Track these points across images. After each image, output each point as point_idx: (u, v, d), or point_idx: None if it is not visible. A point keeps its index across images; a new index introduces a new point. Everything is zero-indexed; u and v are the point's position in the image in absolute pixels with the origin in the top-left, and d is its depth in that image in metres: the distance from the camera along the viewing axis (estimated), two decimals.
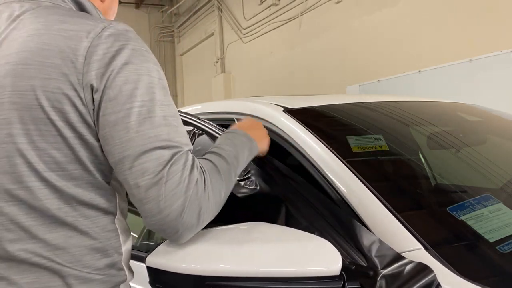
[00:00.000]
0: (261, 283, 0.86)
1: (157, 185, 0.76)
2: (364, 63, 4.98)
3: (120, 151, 0.78)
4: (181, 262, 0.88)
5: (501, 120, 1.77)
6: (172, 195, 0.77)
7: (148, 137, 0.78)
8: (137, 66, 0.81)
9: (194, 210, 0.79)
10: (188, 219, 0.79)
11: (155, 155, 0.77)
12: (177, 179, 0.77)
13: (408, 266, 0.84)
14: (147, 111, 0.79)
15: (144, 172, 0.77)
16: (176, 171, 0.78)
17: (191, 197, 0.79)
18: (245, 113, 1.39)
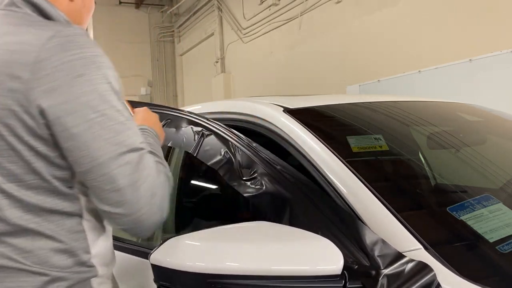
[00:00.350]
0: (263, 281, 0.86)
1: (134, 187, 0.80)
2: (364, 63, 4.98)
3: (89, 161, 0.80)
4: (185, 259, 0.89)
5: (501, 120, 1.77)
6: (149, 195, 0.82)
7: (115, 144, 0.80)
8: (90, 77, 0.81)
9: (165, 206, 0.87)
10: (163, 214, 0.86)
11: (125, 160, 0.81)
12: (151, 179, 0.83)
13: (408, 265, 0.84)
14: (108, 119, 0.81)
15: (118, 177, 0.80)
16: (149, 171, 0.83)
17: (163, 194, 0.86)
18: (245, 113, 1.39)
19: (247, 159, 1.18)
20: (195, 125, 1.34)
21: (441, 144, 1.47)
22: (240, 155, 1.20)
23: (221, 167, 1.22)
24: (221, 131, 1.28)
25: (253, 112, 1.36)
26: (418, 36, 4.36)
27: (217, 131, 1.29)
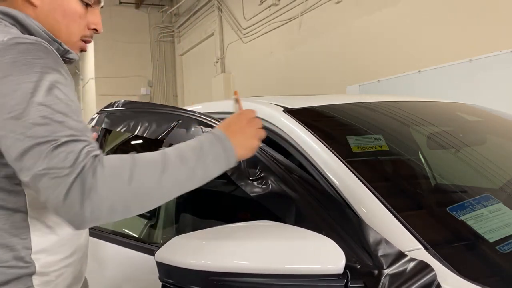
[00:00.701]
0: (266, 279, 0.87)
1: (41, 178, 0.76)
2: (364, 63, 4.98)
3: (9, 158, 0.81)
4: (190, 258, 0.89)
5: (501, 120, 1.77)
6: (55, 184, 0.75)
7: (24, 138, 0.78)
8: (16, 77, 0.81)
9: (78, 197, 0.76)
10: (69, 205, 0.77)
11: (33, 153, 0.77)
12: (54, 171, 0.76)
13: (409, 264, 0.85)
14: (19, 115, 0.79)
15: (27, 169, 0.77)
16: (59, 162, 0.76)
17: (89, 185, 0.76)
18: None
19: (253, 159, 1.19)
20: (204, 126, 1.35)
21: (441, 144, 1.47)
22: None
23: None
24: None
25: None
26: (418, 36, 4.36)
27: None
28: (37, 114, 0.79)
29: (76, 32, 1.01)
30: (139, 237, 1.76)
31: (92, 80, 9.87)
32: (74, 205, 0.74)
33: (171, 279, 0.94)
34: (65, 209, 0.75)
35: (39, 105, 0.80)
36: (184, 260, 0.91)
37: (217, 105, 1.62)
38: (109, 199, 0.76)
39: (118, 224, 2.00)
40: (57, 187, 0.74)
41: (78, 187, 0.74)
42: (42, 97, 0.81)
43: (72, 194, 0.74)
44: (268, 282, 0.87)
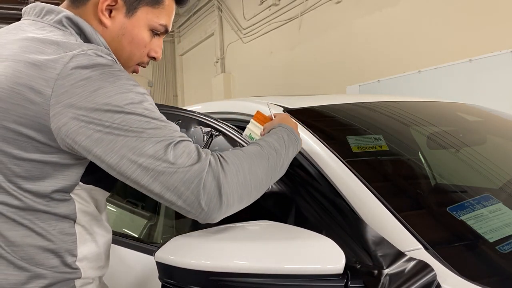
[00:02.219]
0: (266, 279, 0.87)
1: (172, 176, 0.83)
2: (364, 63, 4.98)
3: (111, 168, 0.84)
4: (190, 258, 0.90)
5: (501, 120, 1.77)
6: (188, 181, 0.83)
7: (132, 147, 0.83)
8: (107, 89, 0.83)
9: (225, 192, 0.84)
10: (209, 205, 0.83)
11: (157, 152, 0.84)
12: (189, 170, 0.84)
13: (409, 264, 0.85)
14: (122, 126, 0.83)
15: (149, 170, 0.84)
16: (186, 159, 0.84)
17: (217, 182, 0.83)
18: (245, 113, 1.39)
19: None
20: (204, 126, 1.35)
21: (441, 144, 1.47)
22: None
23: None
24: (229, 131, 1.29)
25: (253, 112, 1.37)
26: (418, 36, 4.36)
27: (226, 131, 1.30)
28: (145, 120, 0.83)
29: (136, 58, 1.02)
30: (139, 237, 1.76)
31: None
32: (212, 199, 0.81)
33: (171, 279, 0.94)
34: (203, 203, 0.81)
35: (144, 110, 0.84)
36: (184, 260, 0.91)
37: (217, 105, 1.62)
38: (238, 191, 0.85)
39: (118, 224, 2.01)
40: (192, 183, 0.81)
41: (213, 181, 0.82)
42: (143, 105, 0.85)
43: (208, 188, 0.81)
44: (268, 282, 0.87)
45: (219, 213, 0.84)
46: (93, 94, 0.82)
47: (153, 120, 0.84)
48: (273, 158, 0.94)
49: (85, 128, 0.81)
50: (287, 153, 0.99)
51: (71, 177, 0.90)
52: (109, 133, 0.81)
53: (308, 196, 1.06)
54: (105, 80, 0.83)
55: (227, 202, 0.83)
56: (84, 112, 0.81)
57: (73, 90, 0.81)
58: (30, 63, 0.84)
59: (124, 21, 0.97)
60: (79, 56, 0.84)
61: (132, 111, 0.83)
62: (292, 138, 1.03)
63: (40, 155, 0.85)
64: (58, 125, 0.82)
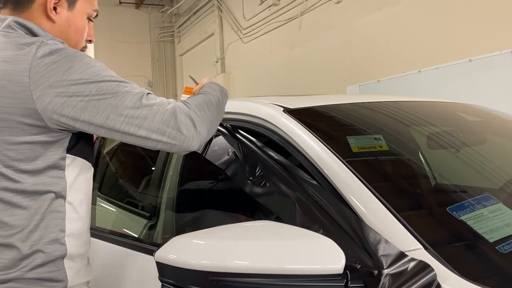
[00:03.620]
0: (265, 279, 0.87)
1: (154, 118, 1.03)
2: (364, 63, 4.98)
3: (104, 125, 1.00)
4: (190, 257, 0.90)
5: (501, 120, 1.77)
6: (167, 120, 1.03)
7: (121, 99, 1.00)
8: (77, 66, 0.99)
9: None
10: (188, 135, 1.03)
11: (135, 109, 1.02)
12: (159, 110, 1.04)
13: (409, 264, 0.85)
14: (100, 90, 1.00)
15: (137, 117, 1.02)
16: (161, 103, 1.05)
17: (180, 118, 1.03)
18: (245, 113, 1.39)
19: (254, 160, 1.19)
20: None
21: (441, 144, 1.47)
22: (247, 156, 1.21)
23: (229, 167, 1.22)
24: (229, 131, 1.29)
25: (253, 112, 1.37)
26: (418, 36, 4.36)
27: (225, 131, 1.30)
28: (110, 86, 1.00)
29: (81, 44, 1.18)
30: (139, 237, 1.76)
31: None
32: (190, 128, 1.01)
33: (171, 279, 0.94)
34: (184, 131, 1.00)
35: (111, 77, 1.01)
36: (184, 260, 0.91)
37: None
38: (205, 123, 1.06)
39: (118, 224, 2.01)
40: (170, 121, 0.99)
41: (186, 117, 1.02)
42: (108, 72, 1.02)
43: (184, 121, 1.01)
44: (268, 282, 0.87)
45: (198, 141, 1.03)
46: (66, 73, 0.97)
47: (121, 83, 1.01)
48: (216, 99, 1.15)
49: (68, 102, 0.97)
50: (222, 96, 1.19)
51: (59, 151, 1.03)
52: (90, 100, 0.97)
53: (308, 196, 1.06)
54: (72, 61, 0.99)
55: (201, 131, 1.03)
56: (63, 89, 0.96)
57: (48, 73, 0.96)
58: (1, 61, 0.98)
59: (68, 14, 1.13)
60: (42, 46, 0.99)
61: (102, 79, 0.99)
62: (219, 87, 1.23)
63: (30, 137, 0.98)
64: (43, 105, 0.96)
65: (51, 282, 1.02)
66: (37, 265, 1.00)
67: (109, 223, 2.01)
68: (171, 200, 1.75)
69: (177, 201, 1.76)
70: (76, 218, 1.08)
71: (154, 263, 0.97)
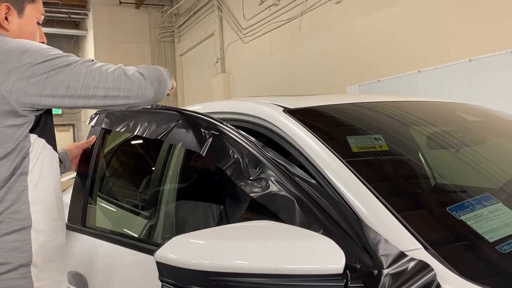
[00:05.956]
0: (265, 279, 0.87)
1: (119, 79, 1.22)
2: (364, 63, 4.98)
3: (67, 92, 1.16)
4: (190, 257, 0.90)
5: (501, 120, 1.77)
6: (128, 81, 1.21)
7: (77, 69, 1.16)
8: (30, 50, 1.12)
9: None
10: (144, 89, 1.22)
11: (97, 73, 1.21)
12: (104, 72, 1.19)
13: (409, 264, 0.85)
14: (55, 64, 1.15)
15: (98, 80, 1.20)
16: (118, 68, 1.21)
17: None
18: (245, 113, 1.39)
19: (254, 160, 1.19)
20: (204, 126, 1.35)
21: (441, 144, 1.47)
22: (247, 156, 1.21)
23: (229, 167, 1.22)
24: (229, 131, 1.29)
25: (253, 112, 1.37)
26: (418, 36, 4.36)
27: (225, 131, 1.30)
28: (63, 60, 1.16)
29: None
30: (139, 237, 1.76)
31: None
32: (141, 80, 1.18)
33: (171, 279, 0.94)
34: (137, 83, 1.17)
35: (60, 53, 1.17)
36: (184, 260, 0.91)
37: (217, 105, 1.62)
38: (154, 77, 1.24)
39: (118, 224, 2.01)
40: (121, 77, 1.15)
41: (135, 72, 1.19)
42: (56, 50, 1.17)
43: (134, 75, 1.17)
44: (268, 282, 0.87)
45: (152, 90, 1.20)
46: (22, 56, 1.11)
47: (69, 57, 1.15)
48: (157, 71, 1.29)
49: (30, 81, 1.09)
50: (163, 79, 1.30)
51: (23, 132, 1.14)
52: (48, 76, 1.10)
53: (308, 196, 1.06)
54: (24, 45, 1.13)
55: (152, 82, 1.20)
56: (22, 72, 1.09)
57: (5, 60, 1.10)
58: None
59: (19, 21, 1.25)
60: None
61: (53, 56, 1.13)
62: (161, 71, 1.33)
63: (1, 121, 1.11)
64: (8, 88, 1.09)
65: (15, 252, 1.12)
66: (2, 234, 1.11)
67: (109, 223, 2.01)
68: (171, 200, 1.75)
69: (177, 201, 1.76)
70: (40, 195, 1.18)
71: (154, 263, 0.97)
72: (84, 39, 10.65)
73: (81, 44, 11.06)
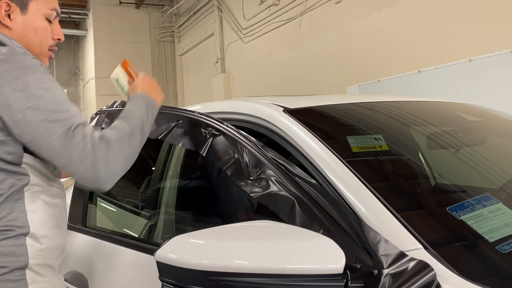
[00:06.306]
0: (266, 279, 0.87)
1: (65, 153, 1.09)
2: (364, 63, 4.98)
3: (32, 141, 1.08)
4: (190, 257, 0.90)
5: (501, 120, 1.77)
6: (81, 158, 1.06)
7: (47, 122, 1.06)
8: (24, 79, 1.06)
9: (104, 166, 1.06)
10: (99, 176, 1.06)
11: (55, 132, 1.07)
12: (80, 146, 1.06)
13: (409, 264, 0.85)
14: (39, 107, 1.07)
15: (53, 147, 1.08)
16: (78, 140, 1.07)
17: (99, 156, 1.06)
18: (245, 113, 1.39)
19: (254, 160, 1.19)
20: (204, 126, 1.36)
21: (441, 144, 1.47)
22: (247, 156, 1.21)
23: (229, 167, 1.22)
24: (229, 131, 1.29)
25: (253, 112, 1.37)
26: (418, 36, 4.36)
27: (226, 131, 1.30)
28: (49, 105, 1.07)
29: (45, 44, 1.23)
30: (139, 237, 1.76)
31: (92, 80, 9.87)
32: (102, 172, 1.05)
33: (171, 279, 0.94)
34: (96, 176, 1.05)
35: (47, 100, 1.07)
36: (184, 260, 0.91)
37: (217, 105, 1.62)
38: (122, 162, 1.10)
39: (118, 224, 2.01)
40: (85, 160, 1.04)
41: (102, 160, 1.05)
42: (49, 93, 1.08)
43: (99, 161, 1.05)
44: (268, 282, 0.87)
45: (111, 182, 1.08)
46: (13, 81, 1.06)
47: (54, 112, 1.06)
48: (140, 123, 1.17)
49: (7, 108, 1.06)
50: (147, 116, 1.21)
51: (16, 148, 1.09)
52: (24, 115, 1.05)
53: (308, 196, 1.06)
54: (24, 71, 1.07)
55: (115, 170, 1.08)
56: (6, 94, 1.06)
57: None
58: None
59: (22, 18, 1.18)
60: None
61: (41, 97, 1.07)
62: (145, 102, 1.24)
63: None
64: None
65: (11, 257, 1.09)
66: None
67: (109, 223, 2.01)
68: (171, 200, 1.75)
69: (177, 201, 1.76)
70: (38, 203, 1.15)
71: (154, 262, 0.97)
72: (84, 39, 10.65)
73: (81, 44, 11.05)
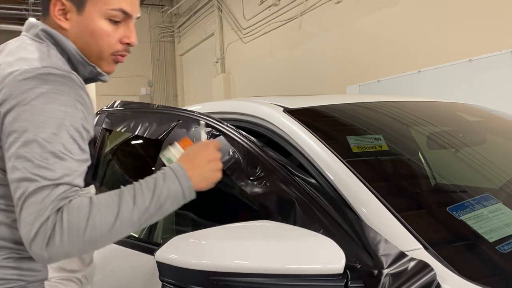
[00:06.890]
0: (266, 279, 0.87)
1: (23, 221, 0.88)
2: (364, 63, 4.98)
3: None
4: (190, 257, 0.90)
5: (501, 120, 1.77)
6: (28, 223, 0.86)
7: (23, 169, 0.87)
8: (34, 108, 0.89)
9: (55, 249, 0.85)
10: (34, 247, 0.86)
11: (22, 186, 0.87)
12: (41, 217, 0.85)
13: (409, 264, 0.85)
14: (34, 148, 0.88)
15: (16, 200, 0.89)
16: (36, 204, 0.85)
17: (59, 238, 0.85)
18: (245, 113, 1.39)
19: (254, 160, 1.19)
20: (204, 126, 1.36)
21: (441, 144, 1.47)
22: (247, 156, 1.21)
23: (229, 167, 1.22)
24: (229, 131, 1.30)
25: (253, 112, 1.37)
26: (418, 36, 4.36)
27: (226, 131, 1.30)
28: (37, 151, 0.88)
29: (106, 49, 1.05)
30: (139, 237, 1.76)
31: None
32: (39, 247, 0.84)
33: (171, 279, 0.94)
34: (31, 246, 0.85)
35: (43, 140, 0.88)
36: (184, 260, 0.91)
37: (217, 105, 1.63)
38: (65, 248, 0.85)
39: None
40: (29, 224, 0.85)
41: (42, 235, 0.84)
42: (49, 134, 0.89)
43: (38, 238, 0.84)
44: (268, 282, 0.87)
45: (43, 260, 0.87)
46: (21, 105, 0.90)
47: (54, 159, 0.89)
48: (128, 211, 0.89)
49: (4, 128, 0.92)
50: (157, 202, 0.91)
51: None
52: (17, 149, 0.89)
53: (308, 196, 1.06)
54: (35, 99, 0.90)
55: (49, 256, 0.86)
56: (10, 118, 0.91)
57: (9, 97, 0.91)
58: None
59: (78, 18, 1.02)
60: (25, 72, 0.91)
61: (35, 138, 0.89)
62: (171, 185, 0.93)
63: None
64: None
65: (30, 271, 0.98)
66: None
67: None
68: None
69: None
70: None
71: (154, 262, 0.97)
72: None
73: None
